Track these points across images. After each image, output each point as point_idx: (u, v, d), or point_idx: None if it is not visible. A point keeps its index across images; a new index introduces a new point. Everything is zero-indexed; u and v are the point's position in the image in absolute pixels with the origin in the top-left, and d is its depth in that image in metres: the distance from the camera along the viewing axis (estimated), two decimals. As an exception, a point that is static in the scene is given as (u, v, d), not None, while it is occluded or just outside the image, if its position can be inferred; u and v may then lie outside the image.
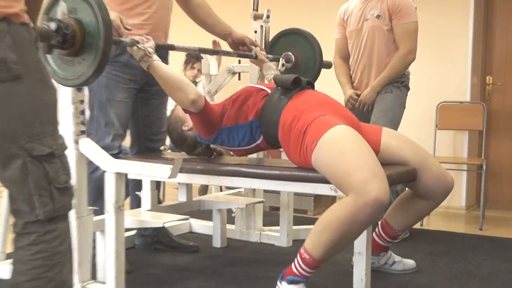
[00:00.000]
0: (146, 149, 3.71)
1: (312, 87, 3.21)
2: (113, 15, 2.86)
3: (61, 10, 2.58)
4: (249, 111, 3.08)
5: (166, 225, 3.70)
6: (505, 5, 5.88)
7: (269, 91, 3.12)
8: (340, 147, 2.65)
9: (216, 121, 3.11)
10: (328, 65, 4.14)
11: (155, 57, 2.97)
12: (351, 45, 4.36)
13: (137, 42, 2.95)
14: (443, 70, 5.77)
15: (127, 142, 3.89)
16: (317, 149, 2.72)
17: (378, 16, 4.19)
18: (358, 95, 4.26)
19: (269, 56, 3.80)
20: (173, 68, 3.20)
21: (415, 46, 4.23)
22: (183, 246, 3.96)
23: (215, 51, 3.71)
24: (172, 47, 3.29)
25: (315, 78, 3.94)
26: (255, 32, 4.11)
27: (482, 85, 5.96)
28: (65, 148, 1.84)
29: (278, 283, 2.79)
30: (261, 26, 4.09)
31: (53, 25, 2.49)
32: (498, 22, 5.93)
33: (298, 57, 3.94)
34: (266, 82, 3.68)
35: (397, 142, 3.07)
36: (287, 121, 2.92)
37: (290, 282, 2.75)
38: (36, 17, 1.98)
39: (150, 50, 2.96)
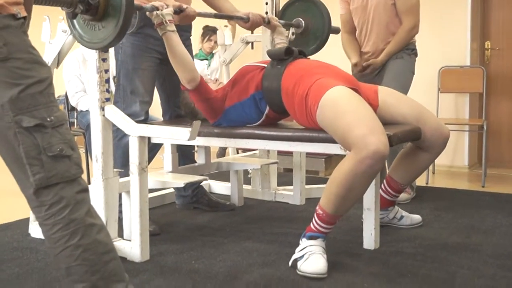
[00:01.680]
0: (176, 117, 3.69)
1: (304, 56, 3.18)
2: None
3: None
4: (249, 85, 3.06)
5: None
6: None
7: (265, 65, 3.09)
8: (338, 107, 2.66)
9: (218, 103, 3.08)
10: (336, 31, 4.07)
11: (171, 27, 2.94)
12: (357, 21, 4.26)
13: (157, 8, 2.90)
14: (444, 37, 5.69)
15: (155, 112, 3.87)
16: (319, 111, 2.72)
17: None
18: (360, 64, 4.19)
19: (281, 21, 3.74)
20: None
21: (419, 19, 4.14)
22: (221, 205, 3.96)
23: (230, 17, 3.63)
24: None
25: (324, 42, 3.89)
26: (266, 3, 4.06)
27: (481, 50, 5.89)
28: (63, 119, 1.79)
29: (300, 240, 2.80)
30: (272, -3, 4.05)
31: None
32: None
33: (308, 23, 3.87)
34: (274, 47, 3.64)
35: (394, 98, 3.04)
36: (289, 87, 2.90)
37: (310, 237, 2.77)
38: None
39: (168, 18, 2.92)
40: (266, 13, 4.04)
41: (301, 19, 3.88)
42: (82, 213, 1.78)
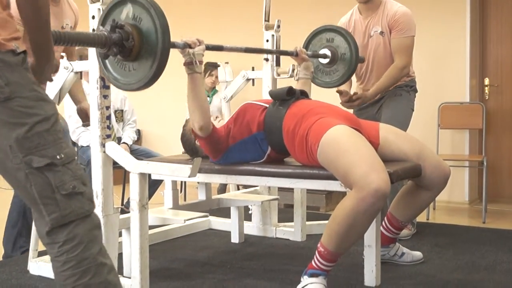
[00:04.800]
0: None
1: (306, 96, 3.18)
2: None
3: (126, 13, 2.45)
4: (251, 124, 3.05)
5: (187, 222, 3.67)
6: (499, 12, 5.84)
7: (266, 105, 3.09)
8: (339, 146, 2.66)
9: (223, 143, 3.05)
10: (362, 60, 4.04)
11: (200, 68, 2.87)
12: None
13: (189, 45, 2.82)
14: (443, 74, 5.72)
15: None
16: (319, 149, 2.73)
17: (381, 33, 4.10)
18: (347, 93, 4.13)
19: (308, 53, 3.71)
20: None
21: (411, 60, 4.15)
22: None
23: (260, 50, 3.60)
24: (221, 48, 3.24)
25: (352, 72, 3.88)
26: (267, 41, 4.07)
27: (480, 87, 5.91)
28: (72, 155, 1.78)
29: (302, 277, 2.79)
30: (272, 36, 4.05)
31: (115, 36, 2.36)
32: (493, 28, 5.88)
33: (335, 53, 3.86)
34: (296, 82, 3.62)
35: (394, 136, 3.05)
36: (290, 127, 2.91)
37: (311, 275, 2.75)
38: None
39: (199, 58, 2.84)
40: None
41: (327, 50, 3.86)
42: (95, 251, 1.77)
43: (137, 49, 2.41)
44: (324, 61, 3.88)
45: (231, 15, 6.83)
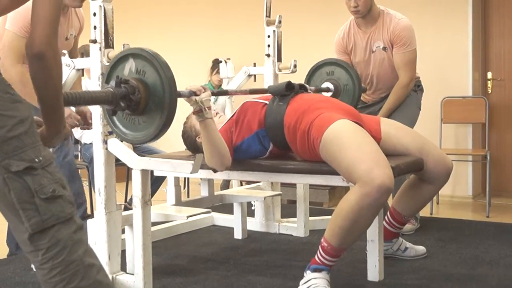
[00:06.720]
0: None
1: (305, 90, 3.18)
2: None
3: (128, 68, 2.45)
4: (252, 122, 3.04)
5: (190, 219, 3.67)
6: (501, 5, 5.83)
7: (266, 102, 3.08)
8: (342, 142, 2.66)
9: (230, 151, 3.00)
10: (364, 90, 4.05)
11: (210, 114, 2.82)
12: (360, 72, 4.22)
13: (195, 93, 2.77)
14: (446, 68, 5.71)
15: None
16: (322, 145, 2.73)
17: (384, 48, 4.11)
18: None
19: (312, 88, 3.70)
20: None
21: (415, 73, 4.18)
22: None
23: (263, 90, 3.60)
24: (226, 92, 3.35)
25: (357, 103, 3.87)
26: (268, 36, 4.08)
27: (483, 80, 5.90)
28: (50, 157, 1.71)
29: (305, 272, 2.78)
30: (274, 31, 4.06)
31: (121, 91, 2.34)
32: (495, 20, 5.87)
33: (337, 85, 3.85)
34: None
35: (396, 130, 3.05)
36: (291, 123, 2.90)
37: (314, 270, 2.75)
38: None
39: (207, 104, 2.79)
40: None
41: (329, 83, 3.86)
42: (81, 253, 1.71)
43: (144, 102, 2.39)
44: (328, 94, 3.87)
45: (232, 10, 6.83)
